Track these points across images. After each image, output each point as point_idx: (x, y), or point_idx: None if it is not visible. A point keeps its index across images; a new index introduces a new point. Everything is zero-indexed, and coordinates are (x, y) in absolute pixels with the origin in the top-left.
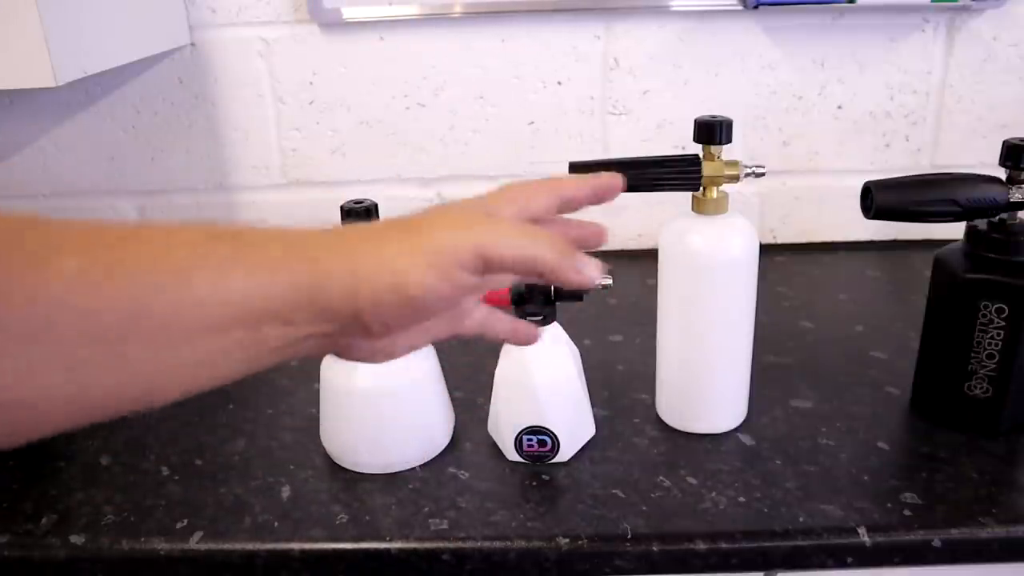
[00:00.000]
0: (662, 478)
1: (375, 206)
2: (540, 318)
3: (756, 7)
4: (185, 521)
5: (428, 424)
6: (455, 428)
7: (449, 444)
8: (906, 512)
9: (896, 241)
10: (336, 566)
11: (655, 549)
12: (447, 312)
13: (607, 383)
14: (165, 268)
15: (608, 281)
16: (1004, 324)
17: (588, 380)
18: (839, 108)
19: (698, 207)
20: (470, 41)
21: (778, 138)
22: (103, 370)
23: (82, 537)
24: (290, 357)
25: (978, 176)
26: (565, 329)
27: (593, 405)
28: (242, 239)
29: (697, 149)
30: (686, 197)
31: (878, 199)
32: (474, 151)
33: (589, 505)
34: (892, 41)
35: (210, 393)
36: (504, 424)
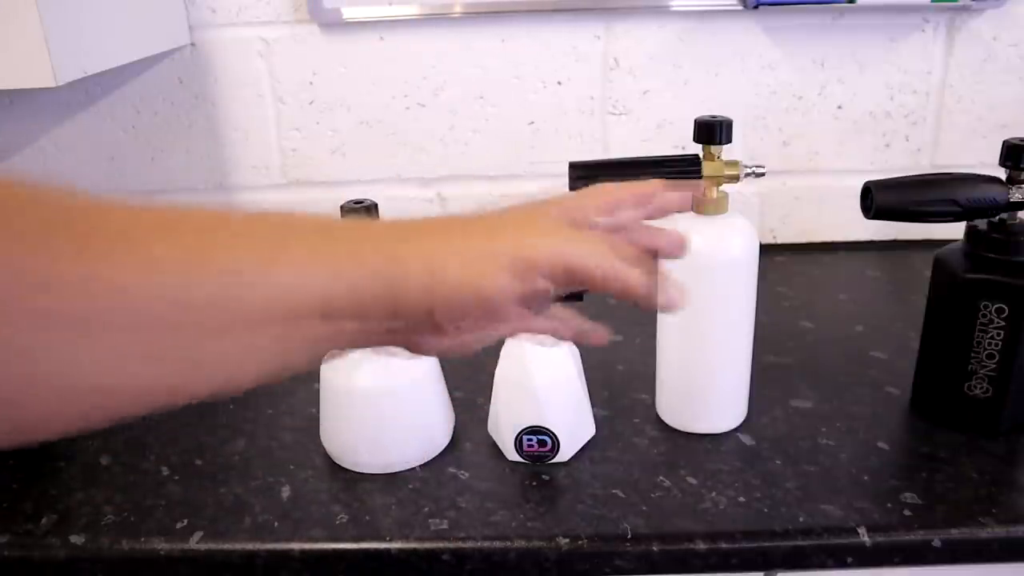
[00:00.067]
0: (662, 478)
1: (375, 206)
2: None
3: (756, 7)
4: (185, 521)
5: (428, 424)
6: (455, 428)
7: (449, 444)
8: (906, 512)
9: (896, 241)
10: (336, 566)
11: (655, 549)
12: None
13: (607, 383)
14: (249, 258)
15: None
16: (1004, 324)
17: (588, 380)
18: (839, 108)
19: (698, 207)
20: (470, 41)
21: (778, 138)
22: (182, 359)
23: (82, 537)
24: (360, 348)
25: (978, 176)
26: None
27: (593, 405)
28: (324, 231)
29: (697, 149)
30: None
31: (878, 199)
32: (474, 151)
33: (589, 505)
34: (892, 41)
35: None
36: (504, 424)
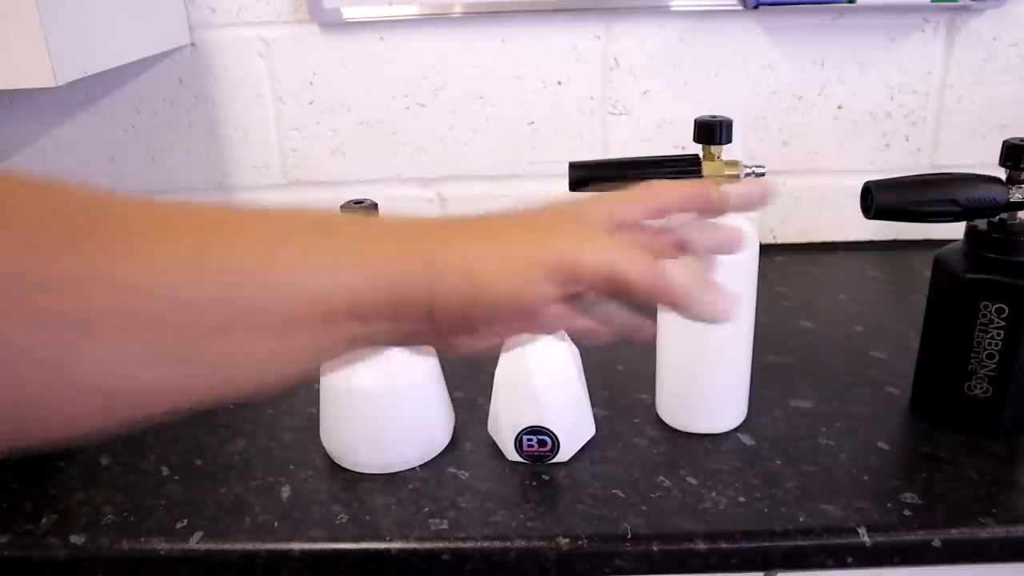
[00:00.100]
0: (662, 478)
1: (375, 206)
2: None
3: (756, 7)
4: (185, 521)
5: (428, 424)
6: (455, 428)
7: (449, 444)
8: (906, 512)
9: (896, 241)
10: (336, 566)
11: (655, 549)
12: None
13: (607, 383)
14: (275, 258)
15: None
16: (1004, 324)
17: (588, 380)
18: (839, 108)
19: None
20: (470, 41)
21: (778, 138)
22: (202, 361)
23: (82, 537)
24: (392, 347)
25: (978, 176)
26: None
27: (593, 405)
28: (354, 230)
29: (697, 149)
30: None
31: (878, 199)
32: (474, 151)
33: (589, 505)
34: (892, 41)
35: None
36: (504, 424)
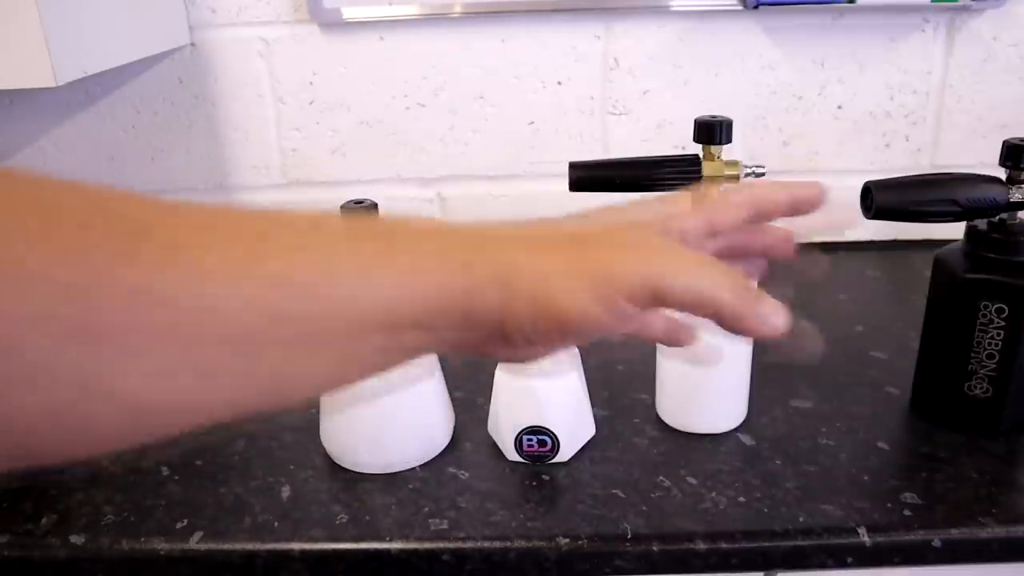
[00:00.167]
0: (662, 478)
1: (375, 206)
2: None
3: (756, 7)
4: (185, 521)
5: (428, 424)
6: (455, 428)
7: (449, 444)
8: (906, 512)
9: (896, 241)
10: (336, 566)
11: (655, 549)
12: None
13: (607, 383)
14: (309, 267)
15: None
16: (1004, 324)
17: (588, 380)
18: (839, 108)
19: None
20: (470, 41)
21: (778, 138)
22: (235, 374)
23: (82, 537)
24: (424, 357)
25: (978, 176)
26: None
27: (593, 405)
28: (393, 236)
29: (697, 149)
30: None
31: (878, 199)
32: (474, 151)
33: (589, 505)
34: (892, 41)
35: None
36: (504, 424)
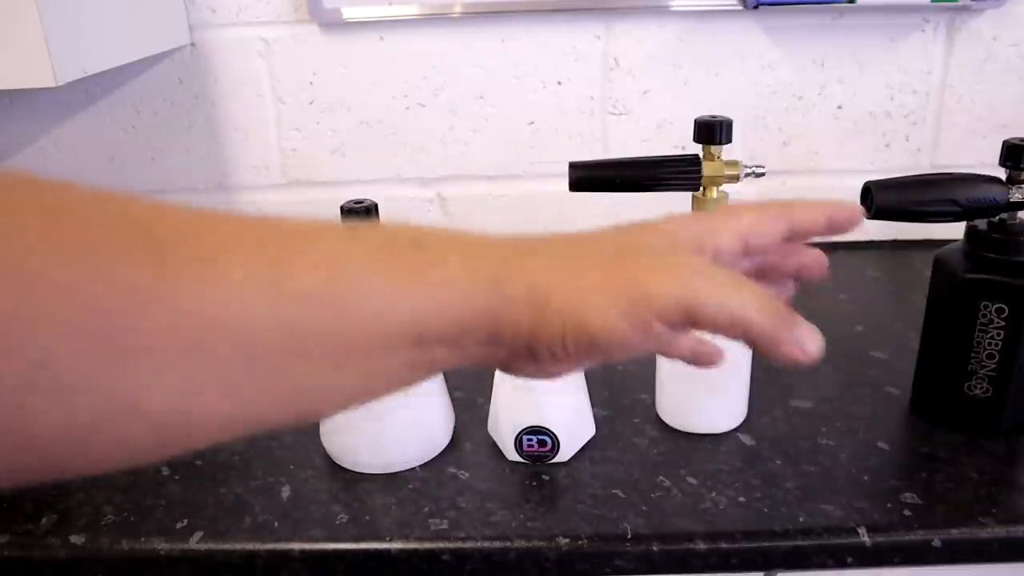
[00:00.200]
0: (662, 478)
1: (375, 206)
2: None
3: (756, 7)
4: (185, 521)
5: (428, 424)
6: (455, 428)
7: (449, 444)
8: (906, 512)
9: (896, 241)
10: (336, 566)
11: (655, 549)
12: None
13: (607, 383)
14: (337, 283)
15: None
16: (1004, 324)
17: (588, 380)
18: (839, 108)
19: (698, 207)
20: (470, 41)
21: (778, 138)
22: (261, 389)
23: (82, 537)
24: (450, 369)
25: (978, 176)
26: None
27: (593, 405)
28: (422, 250)
29: (697, 149)
30: (686, 197)
31: (878, 199)
32: (474, 151)
33: (589, 505)
34: (892, 41)
35: None
36: (504, 424)
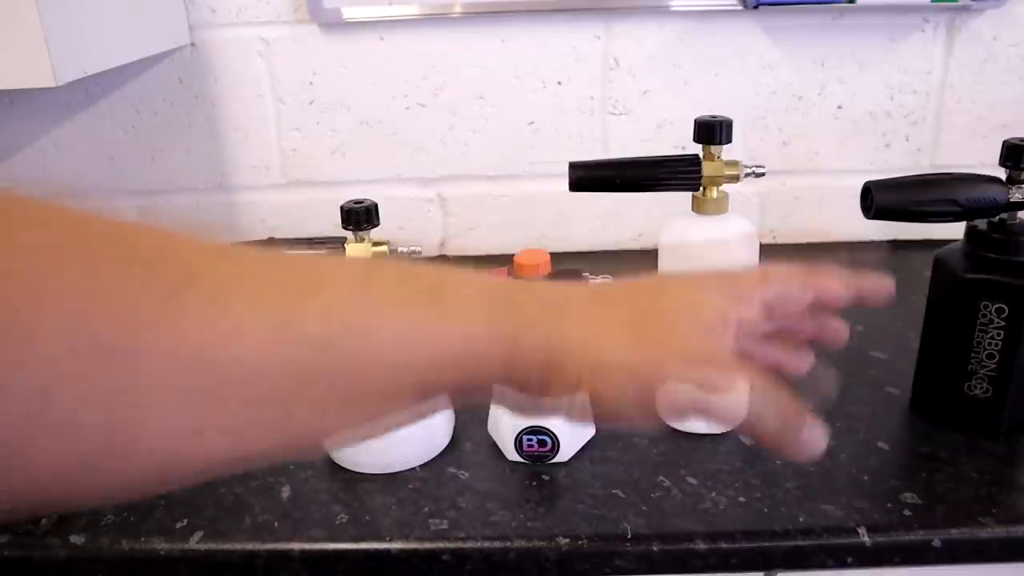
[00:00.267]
0: (662, 478)
1: (375, 206)
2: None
3: (756, 7)
4: (185, 521)
5: (428, 424)
6: (455, 428)
7: (449, 444)
8: (906, 512)
9: (896, 241)
10: (336, 566)
11: (655, 549)
12: None
13: None
14: (350, 330)
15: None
16: (1004, 324)
17: None
18: (839, 108)
19: (698, 207)
20: (470, 41)
21: (778, 138)
22: (263, 428)
23: (82, 537)
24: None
25: (978, 176)
26: None
27: None
28: (440, 298)
29: (697, 149)
30: (686, 197)
31: (878, 199)
32: (474, 151)
33: (589, 505)
34: (892, 41)
35: None
36: (504, 424)
